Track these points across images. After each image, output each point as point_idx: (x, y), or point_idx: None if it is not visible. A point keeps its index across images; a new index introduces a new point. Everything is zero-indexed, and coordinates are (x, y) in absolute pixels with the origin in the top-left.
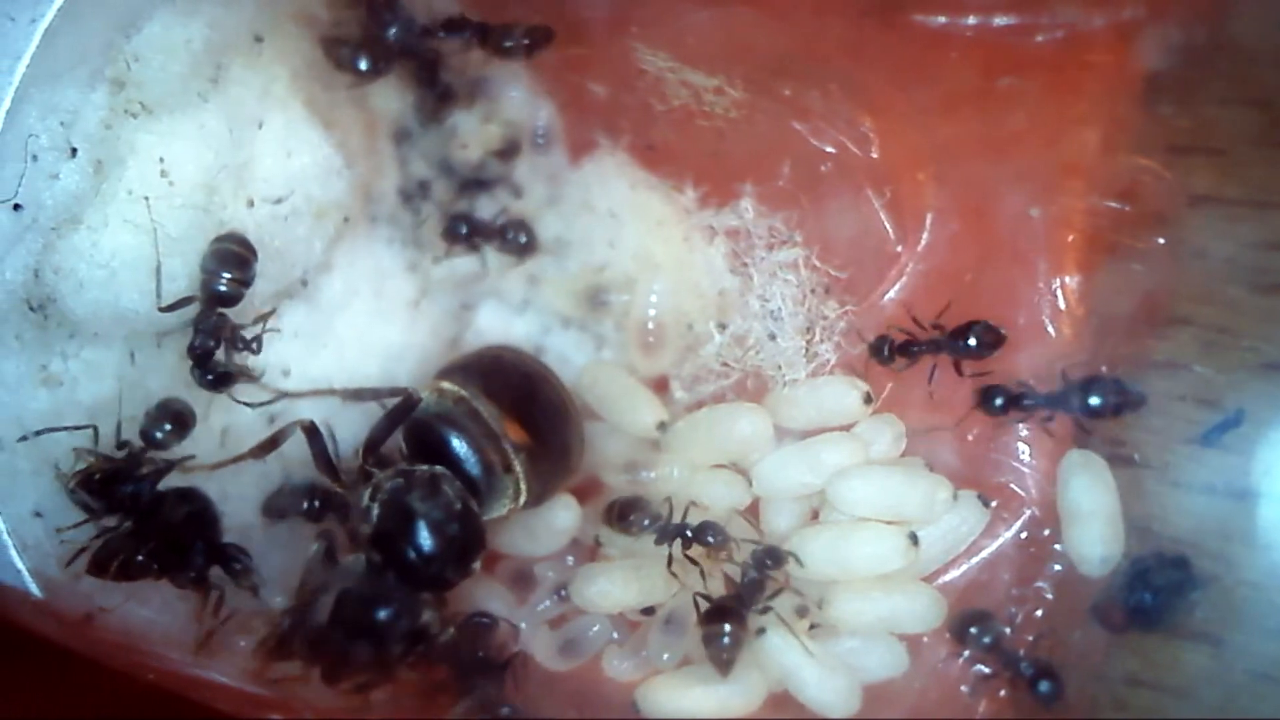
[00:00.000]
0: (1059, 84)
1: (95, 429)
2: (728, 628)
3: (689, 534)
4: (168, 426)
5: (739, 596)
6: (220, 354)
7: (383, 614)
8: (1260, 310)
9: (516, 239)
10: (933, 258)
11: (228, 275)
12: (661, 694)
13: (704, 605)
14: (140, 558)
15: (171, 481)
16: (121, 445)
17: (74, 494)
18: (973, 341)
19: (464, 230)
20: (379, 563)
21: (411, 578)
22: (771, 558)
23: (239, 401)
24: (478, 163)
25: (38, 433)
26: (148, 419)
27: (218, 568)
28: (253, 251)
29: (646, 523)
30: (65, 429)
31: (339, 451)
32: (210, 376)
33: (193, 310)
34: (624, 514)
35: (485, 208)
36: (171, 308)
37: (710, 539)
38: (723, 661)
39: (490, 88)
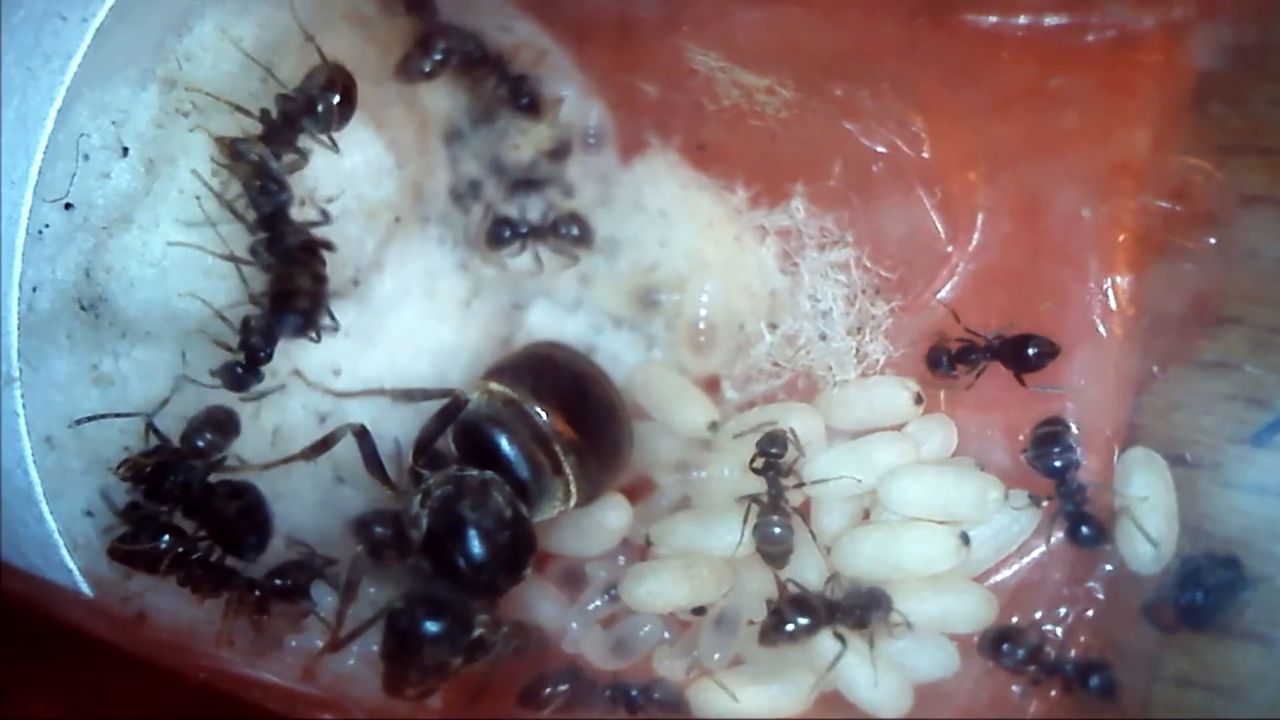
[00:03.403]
0: (1110, 84)
1: (149, 419)
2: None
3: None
4: (209, 436)
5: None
6: None
7: (437, 626)
8: None
9: (570, 232)
10: (984, 258)
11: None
12: (713, 693)
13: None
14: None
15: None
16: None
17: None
18: (1031, 352)
19: (507, 234)
20: (430, 571)
21: (462, 586)
22: (869, 602)
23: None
24: (529, 163)
25: (79, 421)
26: (190, 426)
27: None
28: None
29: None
30: (114, 415)
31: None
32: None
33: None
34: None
35: (535, 208)
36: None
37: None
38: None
39: (541, 88)
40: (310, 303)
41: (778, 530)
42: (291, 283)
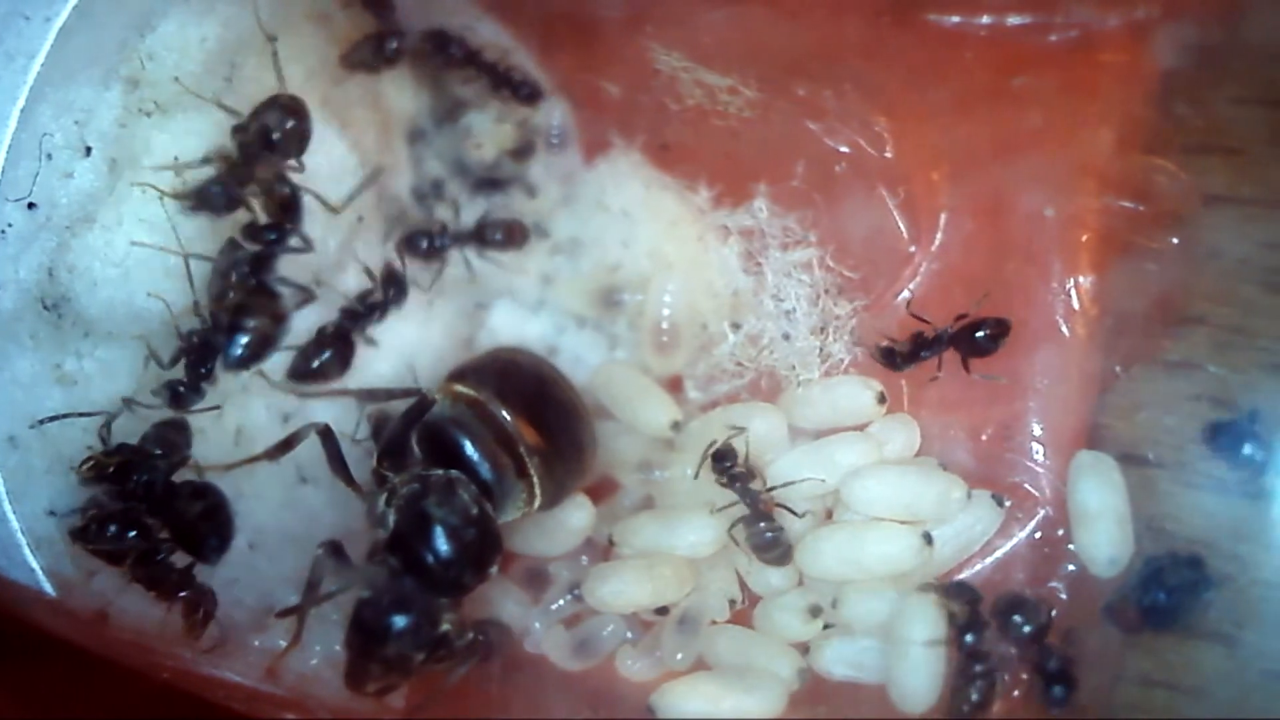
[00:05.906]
0: (1073, 84)
1: (109, 417)
2: None
3: None
4: (158, 452)
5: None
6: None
7: (403, 621)
8: (1274, 310)
9: (494, 237)
10: (946, 257)
11: None
12: (679, 699)
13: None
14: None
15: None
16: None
17: (85, 482)
18: (980, 335)
19: (424, 245)
20: (397, 568)
21: (429, 583)
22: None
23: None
24: (492, 162)
25: (42, 420)
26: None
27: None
28: None
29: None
30: (77, 415)
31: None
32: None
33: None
34: None
35: (499, 207)
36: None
37: None
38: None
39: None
40: (262, 344)
41: (769, 535)
42: (250, 316)
